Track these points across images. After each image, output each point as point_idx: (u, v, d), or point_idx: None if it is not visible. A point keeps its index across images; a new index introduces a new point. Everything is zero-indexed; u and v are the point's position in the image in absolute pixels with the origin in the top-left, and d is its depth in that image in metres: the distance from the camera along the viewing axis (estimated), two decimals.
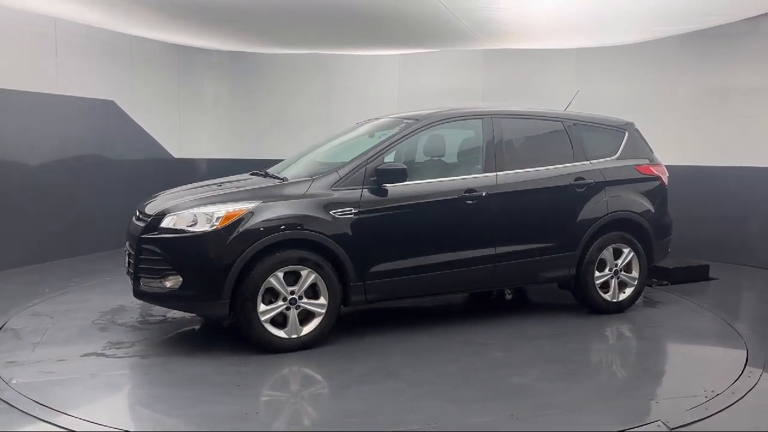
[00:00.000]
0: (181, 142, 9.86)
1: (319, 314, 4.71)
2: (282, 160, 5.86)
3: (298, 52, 9.69)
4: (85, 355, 4.57)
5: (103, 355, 4.59)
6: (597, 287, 5.71)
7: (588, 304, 5.77)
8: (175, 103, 9.82)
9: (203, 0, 6.26)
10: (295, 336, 4.65)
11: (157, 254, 4.54)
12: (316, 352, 4.64)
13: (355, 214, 4.79)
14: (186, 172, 9.39)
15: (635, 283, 5.86)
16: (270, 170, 5.54)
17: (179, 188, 5.34)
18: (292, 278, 4.64)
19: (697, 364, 4.68)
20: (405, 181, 4.94)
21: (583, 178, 5.66)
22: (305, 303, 4.67)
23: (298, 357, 4.55)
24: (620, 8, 6.59)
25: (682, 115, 6.57)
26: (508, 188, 5.34)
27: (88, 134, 8.30)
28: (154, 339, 4.97)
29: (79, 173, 8.16)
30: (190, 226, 4.53)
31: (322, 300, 4.72)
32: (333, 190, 4.82)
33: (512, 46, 8.86)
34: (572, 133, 5.80)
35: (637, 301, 5.94)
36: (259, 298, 4.53)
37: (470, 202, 5.18)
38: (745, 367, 4.42)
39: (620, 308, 5.81)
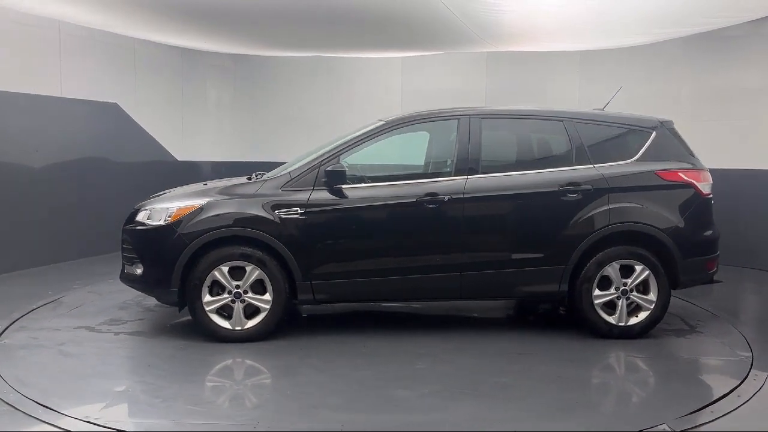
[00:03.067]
0: (184, 145, 9.96)
1: (264, 309, 4.91)
2: (285, 162, 6.10)
3: (302, 54, 9.75)
4: (78, 327, 5.32)
5: (91, 329, 5.29)
6: (597, 308, 5.06)
7: (586, 326, 5.14)
8: (179, 105, 9.89)
9: (207, 3, 6.49)
10: (239, 328, 4.91)
11: (130, 244, 5.13)
12: (253, 346, 4.84)
13: (300, 214, 4.90)
14: (189, 174, 9.33)
15: (652, 306, 5.07)
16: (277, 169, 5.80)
17: (189, 186, 5.87)
18: (243, 273, 4.91)
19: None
20: (345, 183, 4.92)
21: (577, 184, 5.05)
22: (250, 297, 4.91)
23: (234, 348, 4.79)
24: (623, 11, 6.36)
25: (686, 116, 5.97)
26: (478, 193, 5.00)
27: (92, 137, 8.31)
28: (150, 320, 5.57)
29: (83, 176, 8.15)
30: (158, 220, 5.03)
31: (267, 296, 4.91)
32: (282, 190, 4.98)
33: (516, 49, 8.91)
34: (574, 134, 5.20)
35: None
36: (204, 290, 4.87)
37: (431, 206, 4.96)
38: (750, 371, 4.36)
39: (628, 334, 5.07)
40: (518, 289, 5.11)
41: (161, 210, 5.01)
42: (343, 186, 4.96)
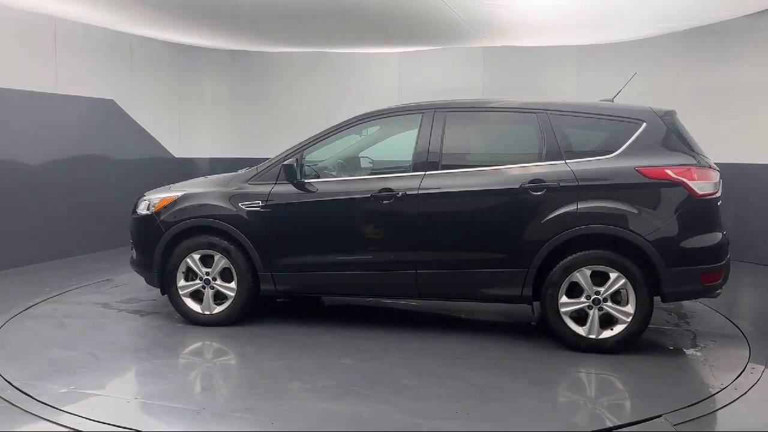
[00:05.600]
0: (181, 142, 9.90)
1: (230, 297, 5.19)
2: None
3: (299, 50, 9.52)
4: (96, 303, 5.99)
5: (106, 305, 5.93)
6: (564, 316, 4.64)
7: (552, 335, 4.73)
8: (175, 102, 9.83)
9: None
10: (208, 312, 5.24)
11: (130, 231, 5.69)
12: (217, 329, 5.15)
13: (261, 207, 5.08)
14: (186, 171, 9.33)
15: (629, 320, 4.54)
16: None
17: (192, 180, 6.31)
18: (213, 261, 5.22)
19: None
20: (295, 178, 5.00)
21: (541, 181, 4.65)
22: (218, 285, 5.21)
23: (197, 331, 5.14)
24: (621, 5, 6.19)
25: (683, 111, 5.13)
26: (433, 189, 4.81)
27: (88, 134, 8.28)
28: (160, 301, 6.05)
29: (79, 173, 8.12)
30: (148, 210, 5.52)
31: (233, 284, 5.17)
32: (249, 183, 5.20)
33: (513, 44, 8.85)
34: (547, 127, 4.78)
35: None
36: (179, 275, 5.26)
37: (386, 202, 4.88)
38: (747, 364, 4.42)
39: (600, 348, 4.59)
40: (478, 291, 4.83)
41: (153, 200, 5.49)
42: (305, 180, 5.06)
